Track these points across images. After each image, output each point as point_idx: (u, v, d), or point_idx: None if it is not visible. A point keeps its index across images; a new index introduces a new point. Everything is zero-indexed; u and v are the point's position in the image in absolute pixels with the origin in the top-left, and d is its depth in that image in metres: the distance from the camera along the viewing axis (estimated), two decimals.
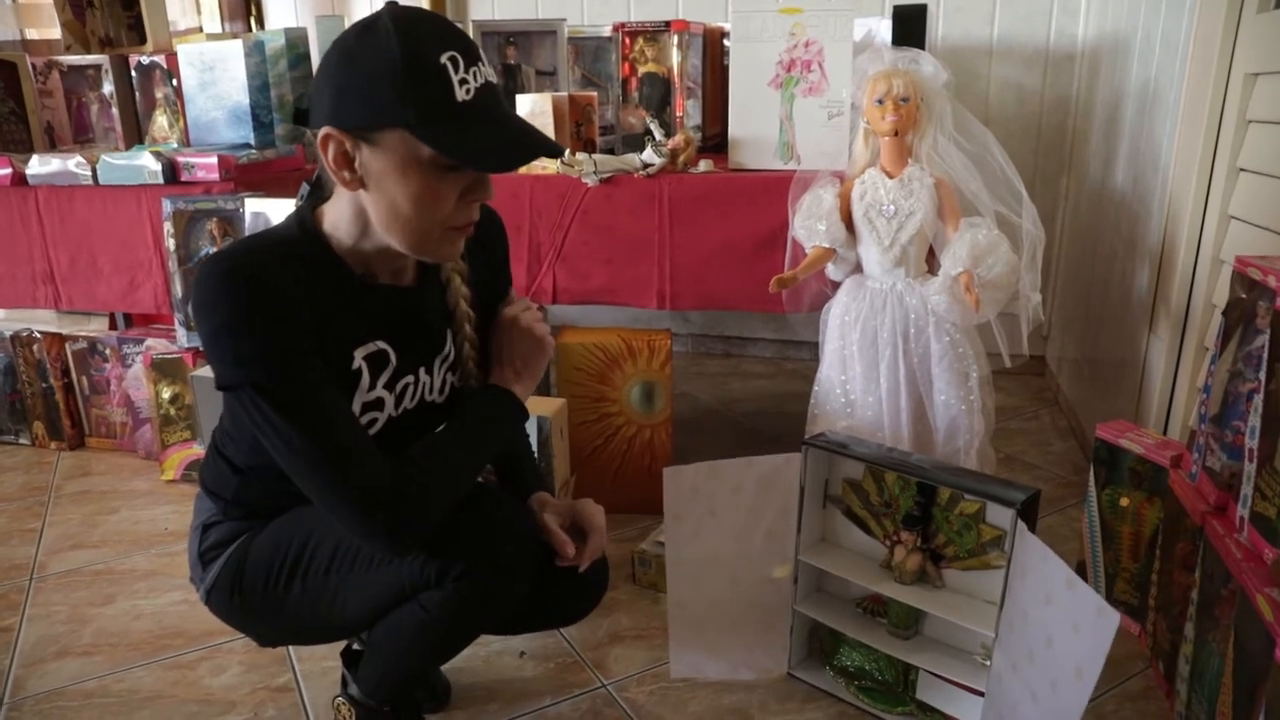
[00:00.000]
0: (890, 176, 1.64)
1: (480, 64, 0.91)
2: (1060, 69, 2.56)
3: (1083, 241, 2.43)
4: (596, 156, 1.78)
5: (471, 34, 2.13)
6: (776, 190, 1.74)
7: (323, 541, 1.06)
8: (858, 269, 1.72)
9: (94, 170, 2.19)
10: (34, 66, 2.75)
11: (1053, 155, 2.64)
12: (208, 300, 0.92)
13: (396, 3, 0.92)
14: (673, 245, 1.79)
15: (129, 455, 2.34)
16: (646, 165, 1.78)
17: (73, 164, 2.21)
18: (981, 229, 1.59)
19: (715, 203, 1.77)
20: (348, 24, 2.46)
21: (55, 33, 3.31)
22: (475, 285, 1.15)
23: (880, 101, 1.60)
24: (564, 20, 2.06)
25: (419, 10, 0.92)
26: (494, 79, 0.94)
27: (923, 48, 2.04)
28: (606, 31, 2.12)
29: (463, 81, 0.89)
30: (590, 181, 1.77)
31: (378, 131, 0.90)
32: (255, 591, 1.10)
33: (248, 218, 1.99)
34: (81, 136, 2.76)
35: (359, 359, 1.01)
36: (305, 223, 1.01)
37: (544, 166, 1.84)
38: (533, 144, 0.94)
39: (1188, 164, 1.62)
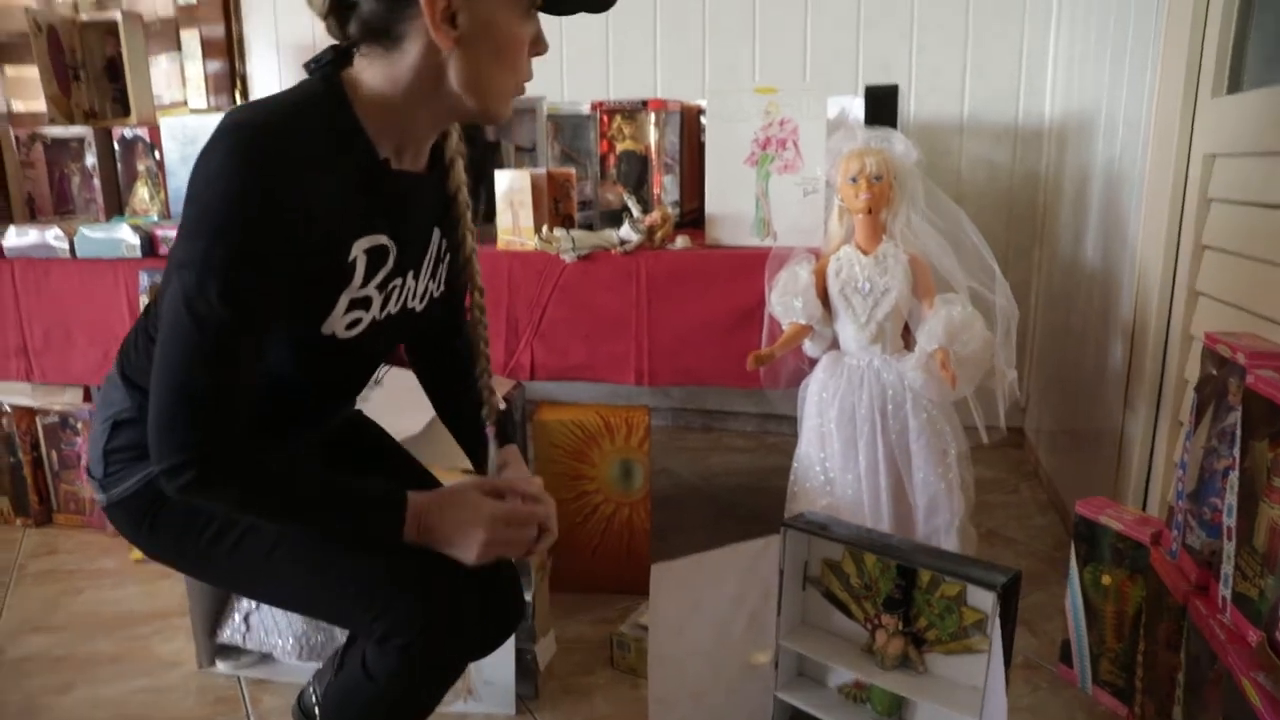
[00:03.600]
0: (865, 253, 1.66)
1: None
2: (1029, 145, 2.63)
3: (1057, 313, 2.46)
4: (574, 233, 1.80)
5: None
6: (753, 266, 1.75)
7: None
8: (835, 345, 1.73)
9: (71, 243, 2.18)
10: (17, 139, 2.76)
11: (1025, 228, 2.69)
12: (214, 167, 0.85)
13: None
14: (650, 321, 1.80)
15: (97, 533, 2.28)
16: (624, 241, 1.79)
17: (50, 236, 2.21)
18: (956, 305, 1.61)
19: (692, 279, 1.78)
20: None
21: (40, 105, 3.34)
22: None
23: (854, 180, 1.63)
24: (543, 98, 2.09)
25: None
26: None
27: (895, 126, 2.09)
28: (585, 109, 2.16)
29: None
30: (568, 258, 1.78)
31: None
32: (172, 532, 1.03)
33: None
34: (62, 208, 2.76)
35: (357, 250, 0.94)
36: (336, 91, 0.92)
37: (522, 243, 1.85)
38: None
39: (1154, 241, 1.65)
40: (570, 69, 2.80)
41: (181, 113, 2.78)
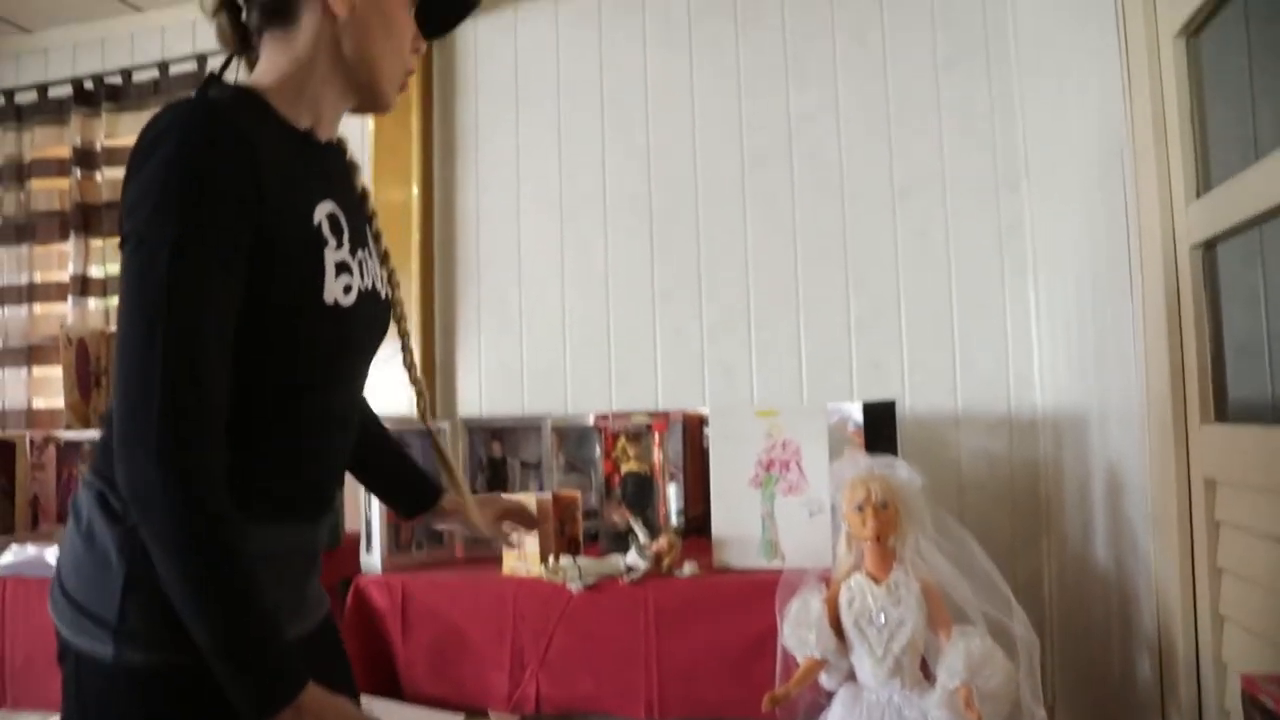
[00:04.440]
0: (876, 582, 1.63)
1: None
2: (1024, 435, 2.67)
3: (1075, 614, 2.40)
4: (581, 561, 1.79)
5: (460, 430, 2.23)
6: (763, 592, 1.72)
7: None
8: (851, 676, 1.66)
9: None
10: (31, 441, 2.81)
11: (1029, 519, 2.67)
12: (165, 127, 0.88)
13: None
14: (660, 651, 1.75)
15: None
16: (631, 569, 1.78)
17: (49, 554, 2.18)
18: (974, 638, 1.56)
19: (702, 607, 1.75)
20: None
21: (59, 402, 3.44)
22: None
23: (859, 507, 1.64)
24: (548, 416, 2.15)
25: None
26: None
27: (894, 438, 2.14)
28: (589, 420, 2.23)
29: None
30: (574, 588, 1.75)
31: None
32: None
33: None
34: (66, 509, 2.77)
35: (320, 215, 0.99)
36: (238, 88, 1.01)
37: (527, 570, 1.84)
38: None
39: (1168, 563, 1.63)
40: (573, 380, 2.91)
41: None
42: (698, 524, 2.25)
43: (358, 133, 3.17)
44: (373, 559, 1.99)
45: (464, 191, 3.11)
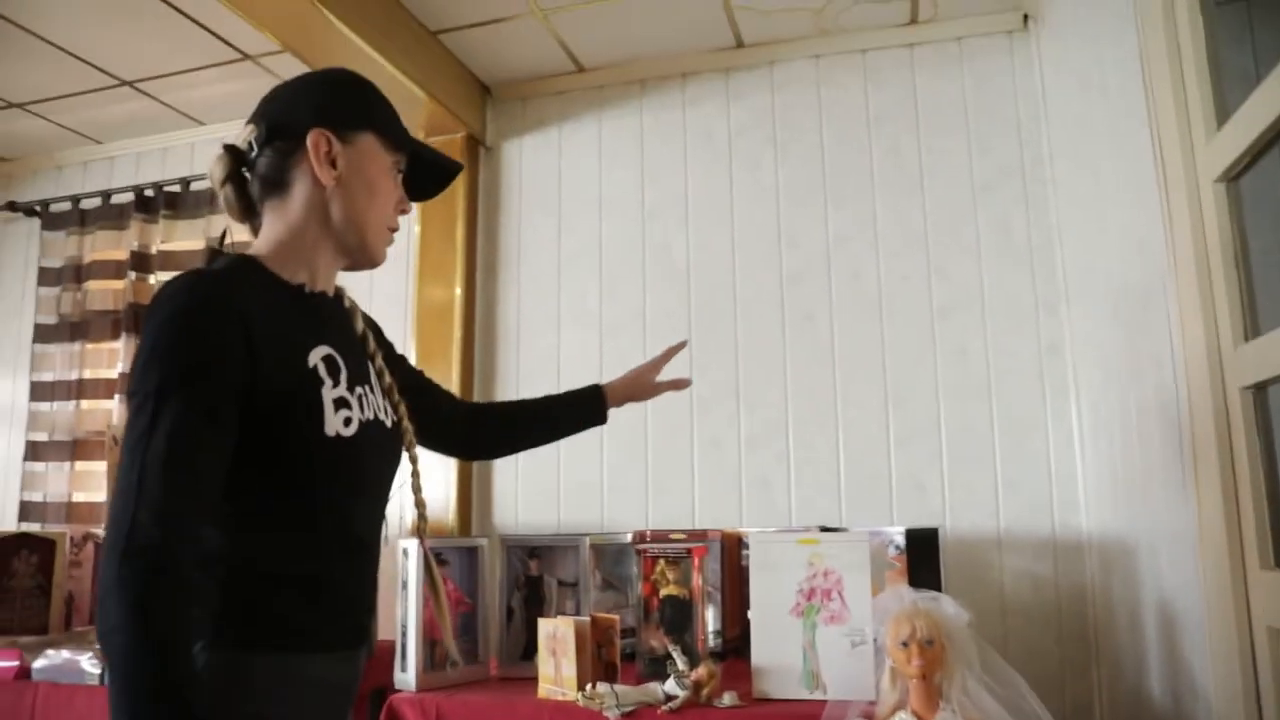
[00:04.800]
0: None
1: None
2: (1070, 559, 2.61)
3: None
4: (618, 688, 1.75)
5: (497, 546, 2.22)
6: None
7: None
8: None
9: (104, 671, 2.15)
10: (71, 539, 2.83)
11: (1078, 644, 2.59)
12: (160, 317, 0.99)
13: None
14: None
15: None
16: (670, 698, 1.74)
17: (85, 660, 2.18)
18: None
19: None
20: None
21: (100, 496, 3.49)
22: (387, 361, 1.30)
23: (904, 644, 1.60)
24: (585, 537, 2.15)
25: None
26: None
27: (938, 566, 2.10)
28: (626, 538, 2.21)
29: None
30: (612, 715, 1.71)
31: (355, 132, 1.16)
32: None
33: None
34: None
35: (315, 359, 1.10)
36: (236, 257, 1.14)
37: (563, 694, 1.80)
38: (450, 160, 1.30)
39: (1234, 714, 1.57)
40: (610, 495, 2.92)
41: None
42: (734, 645, 2.20)
43: (404, 239, 3.27)
44: (407, 677, 1.96)
45: (505, 302, 3.18)
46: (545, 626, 1.86)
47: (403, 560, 2.03)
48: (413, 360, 3.10)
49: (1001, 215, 2.74)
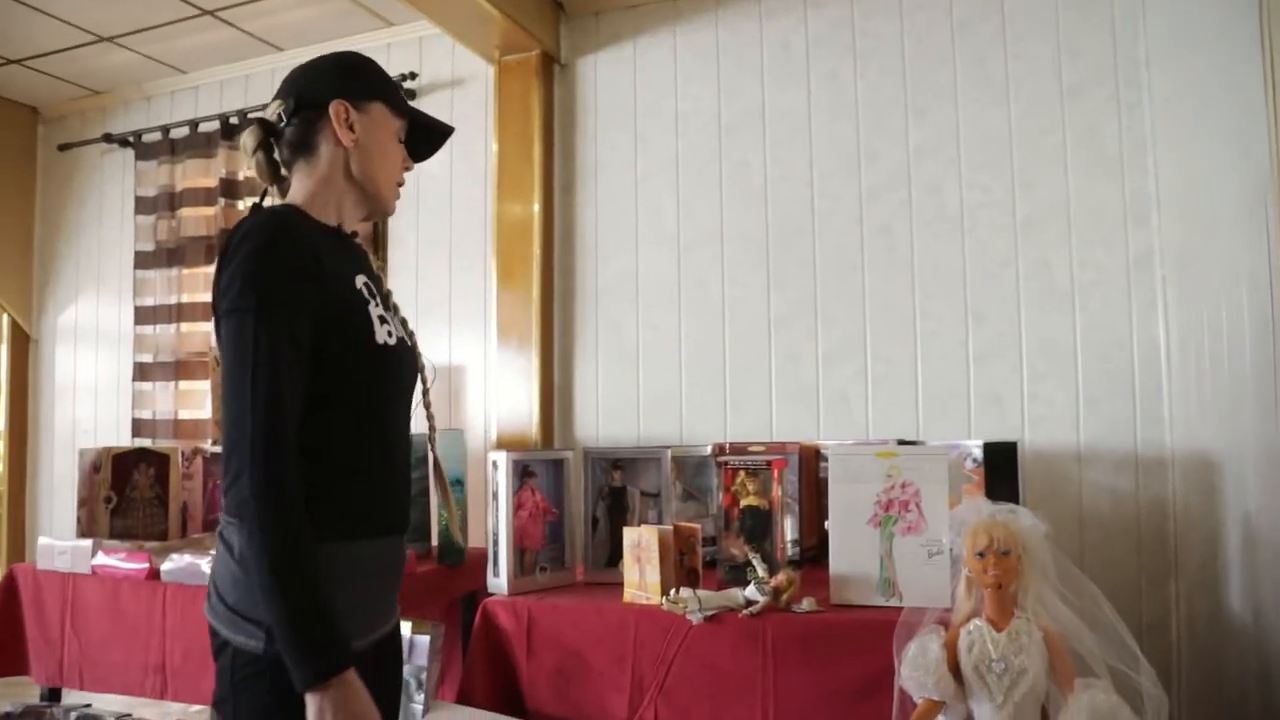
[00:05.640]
0: (997, 628, 1.63)
1: None
2: (1152, 474, 2.59)
3: (1206, 669, 2.31)
4: (700, 593, 1.83)
5: (582, 459, 2.31)
6: (880, 631, 1.73)
7: None
8: None
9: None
10: (182, 454, 3.03)
11: (1157, 558, 2.58)
12: (246, 250, 1.18)
13: None
14: (777, 685, 1.77)
15: None
16: (750, 603, 1.81)
17: (204, 563, 2.36)
18: (1099, 692, 1.54)
19: (819, 643, 1.77)
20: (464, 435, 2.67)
21: (205, 414, 3.69)
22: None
23: (980, 554, 1.63)
24: (668, 449, 2.21)
25: None
26: None
27: (1016, 480, 2.11)
28: (706, 450, 2.27)
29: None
30: (694, 619, 1.80)
31: (368, 102, 1.36)
32: None
33: None
34: (210, 515, 2.98)
35: (359, 283, 1.30)
36: (282, 205, 1.34)
37: (647, 598, 1.89)
38: (442, 123, 1.48)
39: None
40: (688, 408, 2.98)
41: None
42: (812, 554, 2.27)
43: (481, 156, 3.32)
44: (500, 581, 2.08)
45: (583, 221, 3.21)
46: (630, 535, 1.95)
47: (492, 472, 2.13)
48: (493, 275, 3.18)
49: (1090, 122, 2.64)
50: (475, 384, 3.33)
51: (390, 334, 1.31)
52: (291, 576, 1.11)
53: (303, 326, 1.19)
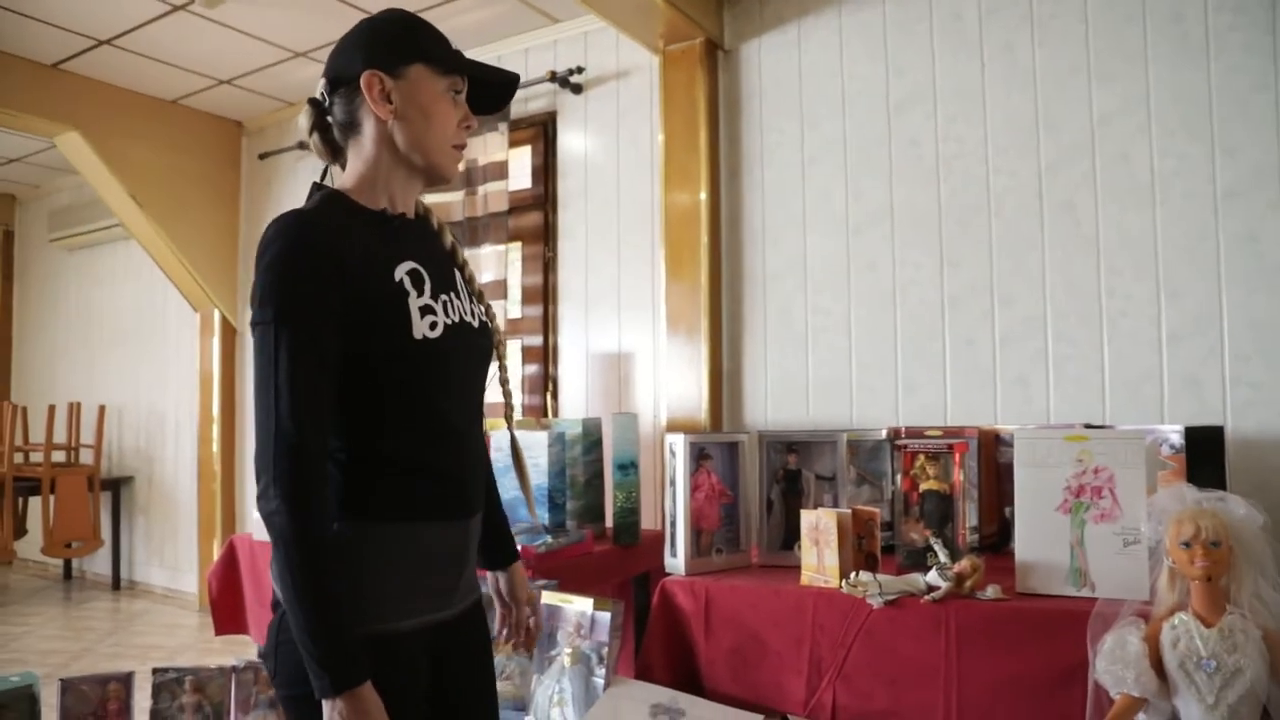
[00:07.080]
0: (1206, 624, 1.54)
1: None
2: None
3: None
4: (881, 577, 1.82)
5: (757, 443, 2.34)
6: (1072, 623, 1.68)
7: None
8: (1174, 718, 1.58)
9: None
10: None
11: None
12: (270, 253, 1.16)
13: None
14: (960, 674, 1.75)
15: None
16: (932, 588, 1.79)
17: None
18: None
19: (1005, 632, 1.73)
20: (637, 421, 2.75)
21: None
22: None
23: (1187, 544, 1.55)
24: (843, 433, 2.21)
25: None
26: None
27: (1223, 466, 1.99)
28: (880, 434, 2.25)
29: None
30: (875, 603, 1.80)
31: (404, 66, 1.26)
32: None
33: (543, 611, 2.16)
34: None
35: (400, 274, 1.23)
36: (327, 192, 1.28)
37: (825, 581, 1.90)
38: (505, 72, 1.38)
39: None
40: (859, 392, 2.95)
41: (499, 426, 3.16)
42: (991, 541, 2.21)
43: (647, 146, 3.39)
44: (677, 562, 2.14)
45: (750, 206, 3.22)
46: (808, 518, 1.96)
47: (670, 459, 2.19)
48: (661, 264, 3.24)
49: None
50: (644, 370, 3.41)
51: (434, 325, 1.24)
52: (309, 594, 1.11)
53: (326, 335, 1.16)
